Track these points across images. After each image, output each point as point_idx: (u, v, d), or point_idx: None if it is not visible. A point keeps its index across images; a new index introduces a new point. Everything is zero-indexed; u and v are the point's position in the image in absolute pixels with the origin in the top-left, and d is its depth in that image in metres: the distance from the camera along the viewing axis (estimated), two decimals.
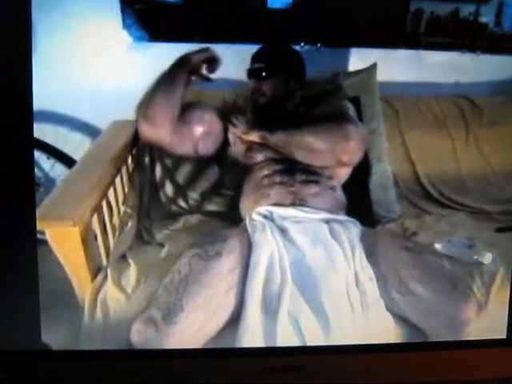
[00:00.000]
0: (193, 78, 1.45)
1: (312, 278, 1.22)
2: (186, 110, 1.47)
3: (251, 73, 1.59)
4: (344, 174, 1.57)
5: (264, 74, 1.56)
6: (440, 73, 1.93)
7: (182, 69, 1.42)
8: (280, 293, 1.18)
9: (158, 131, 1.43)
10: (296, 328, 1.14)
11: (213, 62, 1.45)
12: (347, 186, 1.58)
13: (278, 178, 1.47)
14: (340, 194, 1.53)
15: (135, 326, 1.10)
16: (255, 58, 1.59)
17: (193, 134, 1.51)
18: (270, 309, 1.16)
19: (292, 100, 1.62)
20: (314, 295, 1.18)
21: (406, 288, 1.21)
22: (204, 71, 1.46)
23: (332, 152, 1.47)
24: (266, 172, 1.50)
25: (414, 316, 1.21)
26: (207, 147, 1.56)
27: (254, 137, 1.53)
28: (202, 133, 1.52)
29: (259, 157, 1.54)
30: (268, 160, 1.52)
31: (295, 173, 1.48)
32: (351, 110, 1.60)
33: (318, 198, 1.45)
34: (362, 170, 1.67)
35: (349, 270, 1.24)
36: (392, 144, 1.78)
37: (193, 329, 1.12)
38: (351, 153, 1.49)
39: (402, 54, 1.94)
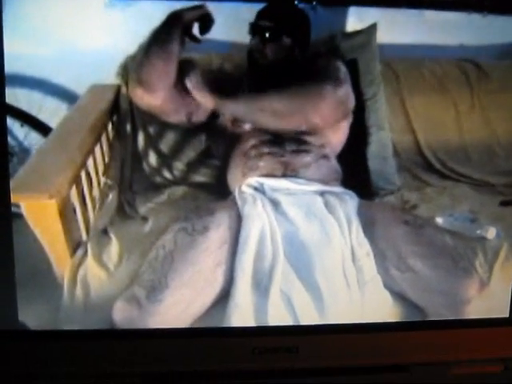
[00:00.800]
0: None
1: (305, 253, 1.23)
2: (181, 75, 1.46)
3: (256, 30, 1.52)
4: (338, 141, 1.57)
5: (271, 34, 1.51)
6: (444, 34, 1.91)
7: (174, 28, 1.40)
8: (271, 269, 1.19)
9: (154, 96, 1.43)
10: (288, 306, 1.15)
11: (206, 22, 1.42)
12: (343, 156, 1.58)
13: (266, 149, 1.46)
14: (334, 163, 1.53)
15: (117, 304, 1.11)
16: (263, 15, 1.53)
17: (189, 102, 1.48)
18: (261, 286, 1.17)
19: (289, 67, 1.59)
20: (308, 272, 1.20)
21: (405, 264, 1.23)
22: (194, 31, 1.43)
23: (301, 113, 1.45)
24: (253, 142, 1.48)
25: (412, 293, 1.23)
26: (200, 116, 1.53)
27: (208, 101, 1.48)
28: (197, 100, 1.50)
29: (247, 125, 1.52)
30: (255, 129, 1.50)
31: (284, 142, 1.47)
32: (342, 71, 1.57)
33: (310, 168, 1.44)
34: (360, 139, 1.67)
35: (345, 246, 1.25)
36: (392, 111, 1.77)
37: (179, 307, 1.13)
38: (323, 113, 1.46)
39: (403, 13, 1.93)
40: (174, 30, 1.40)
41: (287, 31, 1.53)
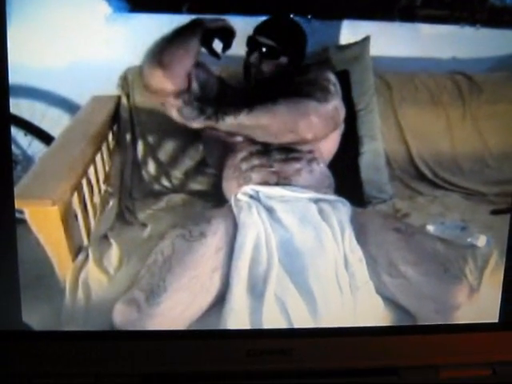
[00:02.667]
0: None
1: (300, 259, 1.26)
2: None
3: (254, 45, 1.52)
4: (328, 150, 1.59)
5: (270, 53, 1.52)
6: (437, 47, 1.94)
7: (195, 33, 1.42)
8: (266, 274, 1.22)
9: (173, 80, 1.45)
10: (282, 310, 1.19)
11: (227, 35, 1.45)
12: (336, 165, 1.60)
13: (255, 161, 1.48)
14: (324, 169, 1.55)
15: (117, 306, 1.14)
16: (262, 30, 1.53)
17: None
18: (256, 290, 1.21)
19: (282, 80, 1.60)
20: (302, 277, 1.23)
21: (397, 270, 1.26)
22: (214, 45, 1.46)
23: (291, 129, 1.46)
24: (243, 154, 1.51)
25: (403, 299, 1.26)
26: None
27: (199, 124, 1.48)
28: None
29: (238, 136, 1.53)
30: (246, 139, 1.52)
31: (272, 152, 1.49)
32: (331, 82, 1.58)
33: (302, 175, 1.47)
34: (352, 149, 1.70)
35: (338, 252, 1.28)
36: (385, 122, 1.79)
37: (176, 310, 1.16)
38: (312, 128, 1.47)
39: (396, 27, 1.96)
40: (194, 34, 1.42)
41: (286, 50, 1.55)
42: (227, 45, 1.47)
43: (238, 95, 1.59)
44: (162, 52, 1.44)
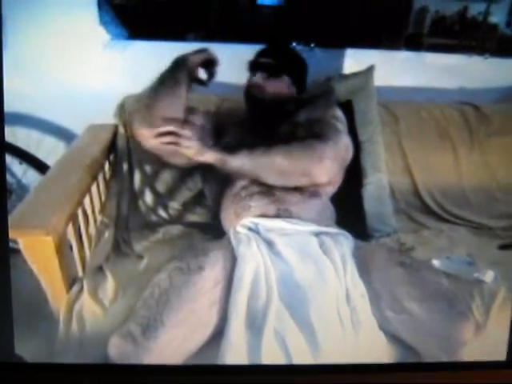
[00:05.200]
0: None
1: (300, 293, 1.28)
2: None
3: (256, 67, 1.62)
4: (331, 184, 1.60)
5: (272, 70, 1.60)
6: (444, 77, 1.99)
7: (180, 71, 1.48)
8: (265, 309, 1.24)
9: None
10: (282, 346, 1.20)
11: (211, 65, 1.52)
12: (338, 197, 1.62)
13: (255, 188, 1.52)
14: (327, 201, 1.60)
15: (113, 340, 1.16)
16: (263, 53, 1.64)
17: None
18: (255, 325, 1.23)
19: (286, 108, 1.66)
20: (302, 312, 1.25)
21: (400, 306, 1.28)
22: (200, 75, 1.53)
23: (305, 174, 1.49)
24: (243, 183, 1.55)
25: (407, 335, 1.28)
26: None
27: (210, 158, 1.48)
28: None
29: (243, 177, 1.56)
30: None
31: None
32: (339, 120, 1.62)
33: (303, 207, 1.50)
34: (356, 180, 1.74)
35: (339, 287, 1.30)
36: (390, 153, 1.85)
37: (173, 344, 1.18)
38: (327, 171, 1.50)
39: (402, 56, 2.01)
40: (180, 73, 1.49)
41: (287, 69, 1.62)
42: (211, 73, 1.55)
43: (244, 131, 1.64)
44: (148, 109, 1.48)
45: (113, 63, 1.81)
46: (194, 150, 1.45)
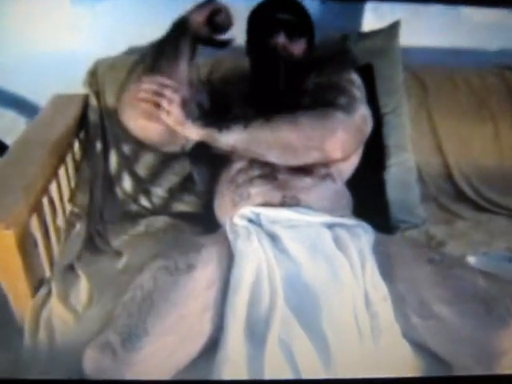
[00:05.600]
0: (200, 45, 1.52)
1: (310, 297, 1.31)
2: None
3: (279, 24, 1.60)
4: (347, 165, 1.64)
5: (294, 28, 1.61)
6: (482, 37, 2.02)
7: (182, 37, 1.49)
8: (269, 315, 1.27)
9: (158, 129, 1.50)
10: (288, 357, 1.22)
11: (222, 19, 1.51)
12: (356, 181, 1.65)
13: (256, 171, 1.54)
14: (341, 186, 1.62)
15: (88, 352, 1.18)
16: (277, 7, 1.63)
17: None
18: (257, 334, 1.25)
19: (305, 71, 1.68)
20: (312, 318, 1.27)
21: (429, 310, 1.31)
22: (211, 34, 1.52)
23: (316, 148, 1.50)
24: (240, 164, 1.57)
25: (436, 344, 1.31)
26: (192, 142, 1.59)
27: (195, 133, 1.49)
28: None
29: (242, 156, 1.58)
30: None
31: None
32: (356, 85, 1.63)
33: (313, 193, 1.53)
34: (377, 161, 1.76)
35: (357, 288, 1.33)
36: (417, 128, 1.87)
37: (160, 357, 1.21)
38: (339, 147, 1.51)
39: (433, 10, 2.03)
40: (181, 40, 1.49)
41: (308, 28, 1.65)
42: (223, 28, 1.53)
43: (241, 101, 1.66)
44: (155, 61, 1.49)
45: (82, 22, 1.82)
46: (174, 117, 1.45)
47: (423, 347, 1.32)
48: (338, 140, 1.50)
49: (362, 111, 1.57)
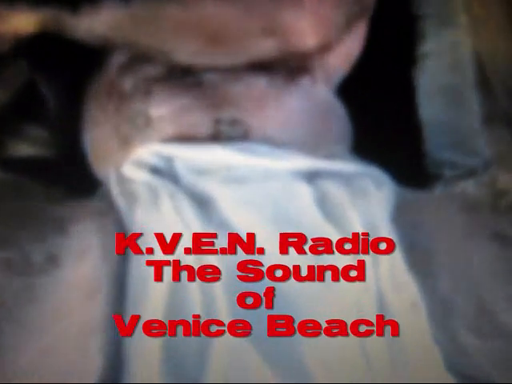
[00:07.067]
0: None
1: (278, 308, 1.44)
2: None
3: None
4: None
5: None
6: None
7: None
8: (203, 341, 1.41)
9: None
10: None
11: None
12: (359, 90, 1.82)
13: (156, 68, 1.68)
14: (328, 97, 1.77)
15: None
16: None
17: None
18: (183, 374, 1.39)
19: None
20: (284, 348, 1.41)
21: (492, 321, 1.47)
22: None
23: (274, 32, 1.60)
24: (123, 57, 1.72)
25: (500, 376, 1.45)
26: None
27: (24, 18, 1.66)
28: None
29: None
30: None
31: None
32: None
33: (273, 111, 1.65)
34: (398, 48, 1.93)
35: (363, 289, 1.48)
36: None
37: None
38: (317, 25, 1.61)
39: None
40: None
41: None
42: None
43: None
44: None
45: None
46: None
47: (477, 381, 1.45)
48: (307, 11, 1.61)
49: None
